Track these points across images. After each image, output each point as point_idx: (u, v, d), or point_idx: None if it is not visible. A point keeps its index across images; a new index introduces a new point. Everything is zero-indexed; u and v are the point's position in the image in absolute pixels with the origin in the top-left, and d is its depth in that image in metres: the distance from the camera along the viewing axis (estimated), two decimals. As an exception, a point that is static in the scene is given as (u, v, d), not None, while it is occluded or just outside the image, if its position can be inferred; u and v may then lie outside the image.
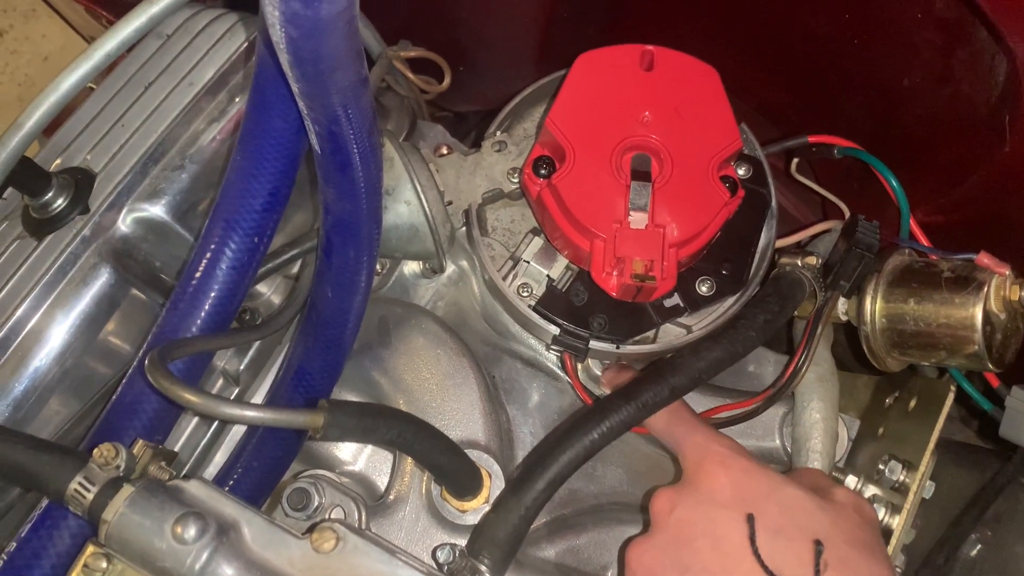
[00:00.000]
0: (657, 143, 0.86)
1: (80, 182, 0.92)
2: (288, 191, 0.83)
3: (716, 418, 0.91)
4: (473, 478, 0.81)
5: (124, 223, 0.91)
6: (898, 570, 0.86)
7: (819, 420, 0.92)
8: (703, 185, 0.86)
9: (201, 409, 0.66)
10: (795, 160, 1.10)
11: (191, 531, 0.63)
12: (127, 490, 0.65)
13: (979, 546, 0.91)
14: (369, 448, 0.97)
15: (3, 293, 0.90)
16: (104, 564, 0.65)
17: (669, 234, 0.84)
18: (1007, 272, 0.80)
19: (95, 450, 0.67)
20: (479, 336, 1.02)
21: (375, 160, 0.76)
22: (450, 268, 1.04)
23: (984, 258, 0.81)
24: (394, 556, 0.65)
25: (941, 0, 0.84)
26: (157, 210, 0.92)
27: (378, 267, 1.02)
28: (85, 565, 0.65)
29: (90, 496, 0.65)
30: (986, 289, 0.79)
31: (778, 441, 0.96)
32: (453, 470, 0.78)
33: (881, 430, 0.92)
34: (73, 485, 0.66)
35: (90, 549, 0.65)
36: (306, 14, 0.53)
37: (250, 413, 0.67)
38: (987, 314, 0.79)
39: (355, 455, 0.97)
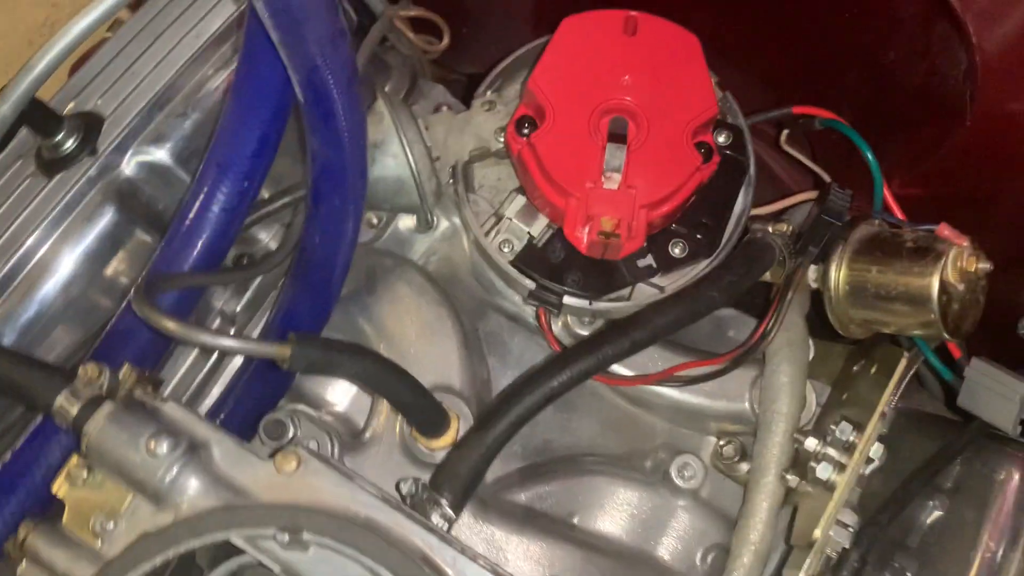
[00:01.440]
0: (635, 106, 0.89)
1: (89, 125, 0.97)
2: (278, 138, 0.87)
3: (684, 374, 0.94)
4: (437, 416, 0.85)
5: (129, 165, 0.96)
6: (849, 529, 0.88)
7: (786, 383, 0.94)
8: (677, 149, 0.88)
9: (180, 336, 0.71)
10: (785, 131, 1.12)
11: (163, 446, 0.69)
12: (108, 406, 0.70)
13: (936, 513, 0.94)
14: (355, 391, 1.01)
15: (14, 226, 0.95)
16: (85, 474, 0.71)
17: (640, 195, 0.87)
18: (966, 244, 0.82)
19: (80, 369, 0.72)
20: (468, 291, 1.06)
21: (357, 110, 0.80)
22: (444, 225, 1.08)
23: (944, 229, 0.83)
24: (351, 480, 0.70)
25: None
26: (160, 154, 0.97)
27: (375, 220, 1.06)
28: (68, 474, 0.71)
29: (74, 411, 0.71)
30: (944, 259, 0.81)
31: (747, 403, 0.98)
32: (416, 406, 0.83)
33: (845, 396, 0.95)
34: (60, 400, 0.72)
35: (74, 460, 0.71)
36: (272, -35, 0.57)
37: (224, 342, 0.72)
38: (944, 284, 0.81)
39: (341, 397, 1.01)
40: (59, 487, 0.71)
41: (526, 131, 0.92)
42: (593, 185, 0.87)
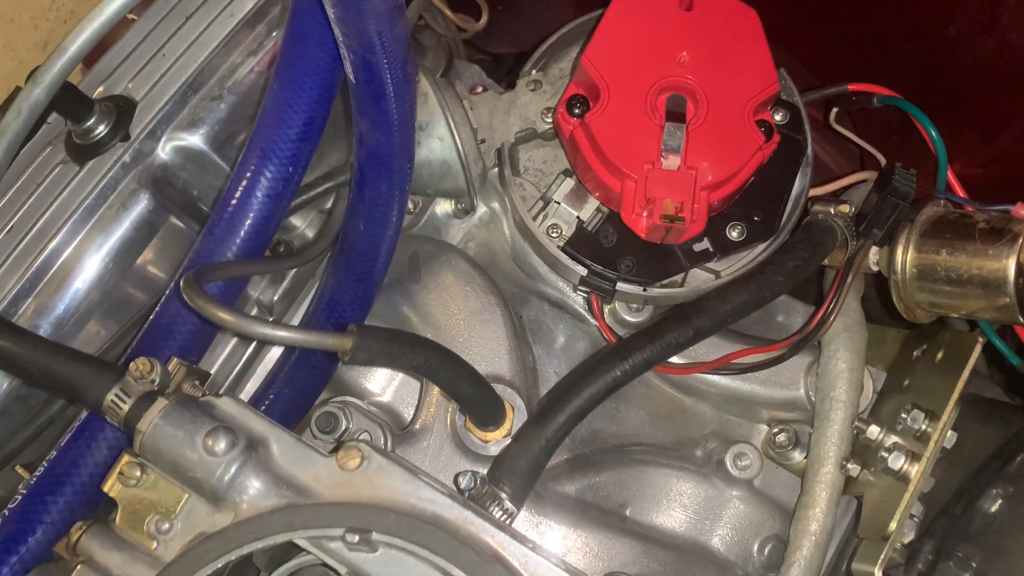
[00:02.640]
0: (693, 84, 0.86)
1: (121, 109, 0.94)
2: (323, 121, 0.84)
3: (740, 362, 0.91)
4: (496, 408, 0.82)
5: (164, 151, 0.93)
6: (916, 520, 0.86)
7: (845, 370, 0.91)
8: (738, 128, 0.85)
9: (235, 327, 0.68)
10: (835, 110, 1.09)
11: (221, 444, 0.66)
12: (161, 403, 0.67)
13: (1000, 501, 0.91)
14: (397, 380, 0.99)
15: (46, 216, 0.92)
16: (138, 473, 0.68)
17: (701, 176, 0.84)
18: (1044, 224, 0.79)
19: (131, 364, 0.69)
20: (508, 277, 1.03)
21: (408, 92, 0.77)
22: (482, 209, 1.05)
23: (1021, 209, 0.80)
24: (416, 476, 0.67)
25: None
26: (196, 139, 0.94)
27: (411, 205, 1.03)
28: (120, 473, 0.68)
29: (126, 407, 0.68)
30: (1021, 241, 0.78)
31: (802, 390, 0.96)
32: (477, 399, 0.80)
33: (907, 382, 0.92)
34: (110, 396, 0.69)
35: (125, 458, 0.68)
36: (343, -67, 0.54)
37: (282, 333, 0.69)
38: (1020, 266, 0.78)
39: (384, 386, 0.99)
40: (111, 486, 0.68)
41: (578, 111, 0.88)
42: (651, 167, 0.84)
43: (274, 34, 0.98)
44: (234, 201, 0.83)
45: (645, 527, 0.95)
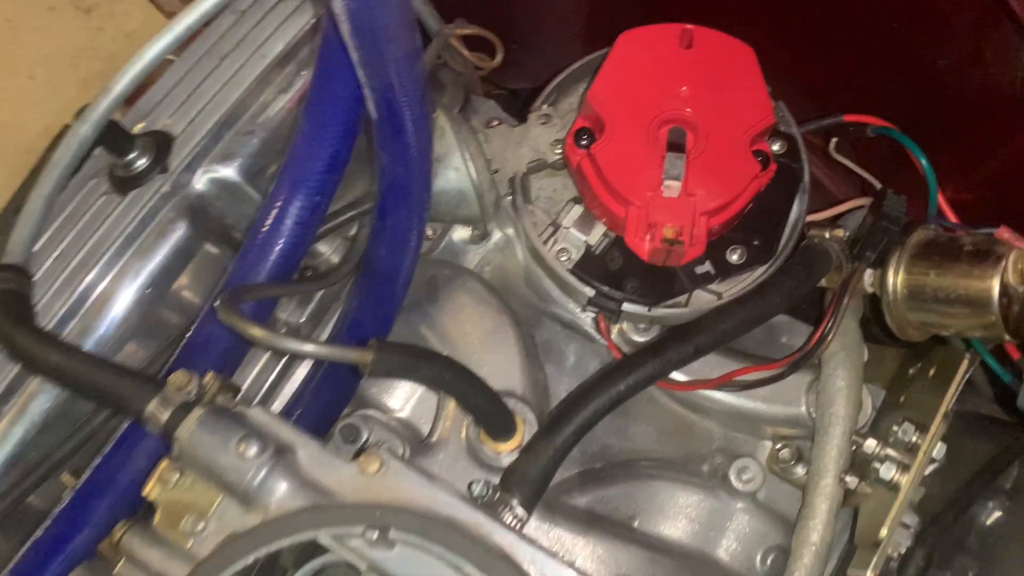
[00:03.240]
0: (693, 117, 0.91)
1: (160, 144, 1.01)
2: (348, 154, 0.90)
3: (742, 379, 0.95)
4: (506, 419, 0.87)
5: (200, 182, 1.00)
6: (911, 530, 0.90)
7: (843, 387, 0.95)
8: (735, 158, 0.90)
9: (266, 342, 0.74)
10: (834, 140, 1.14)
11: (252, 450, 0.72)
12: (198, 412, 0.73)
13: (996, 514, 0.94)
14: (415, 397, 1.04)
15: (90, 244, 0.99)
16: (176, 477, 0.73)
17: (700, 203, 0.89)
18: (1025, 246, 0.83)
19: (170, 377, 0.75)
20: (522, 300, 1.08)
21: (426, 127, 0.83)
22: (497, 235, 1.10)
23: (1004, 232, 0.85)
24: (432, 481, 0.72)
25: (974, -15, 0.88)
26: (230, 171, 1.00)
27: (430, 232, 1.09)
28: (160, 477, 0.74)
29: (165, 416, 0.74)
30: (1004, 262, 0.82)
31: (803, 408, 0.99)
32: (488, 410, 0.85)
33: (903, 398, 0.96)
34: (151, 406, 0.75)
35: (164, 463, 0.74)
36: (363, -12, 0.60)
37: (309, 347, 0.75)
38: (1004, 286, 0.82)
39: (403, 403, 1.04)
40: (150, 490, 0.74)
41: (585, 143, 0.94)
42: (653, 194, 0.89)
43: (303, 73, 1.05)
44: (265, 228, 0.89)
45: (652, 538, 0.98)
